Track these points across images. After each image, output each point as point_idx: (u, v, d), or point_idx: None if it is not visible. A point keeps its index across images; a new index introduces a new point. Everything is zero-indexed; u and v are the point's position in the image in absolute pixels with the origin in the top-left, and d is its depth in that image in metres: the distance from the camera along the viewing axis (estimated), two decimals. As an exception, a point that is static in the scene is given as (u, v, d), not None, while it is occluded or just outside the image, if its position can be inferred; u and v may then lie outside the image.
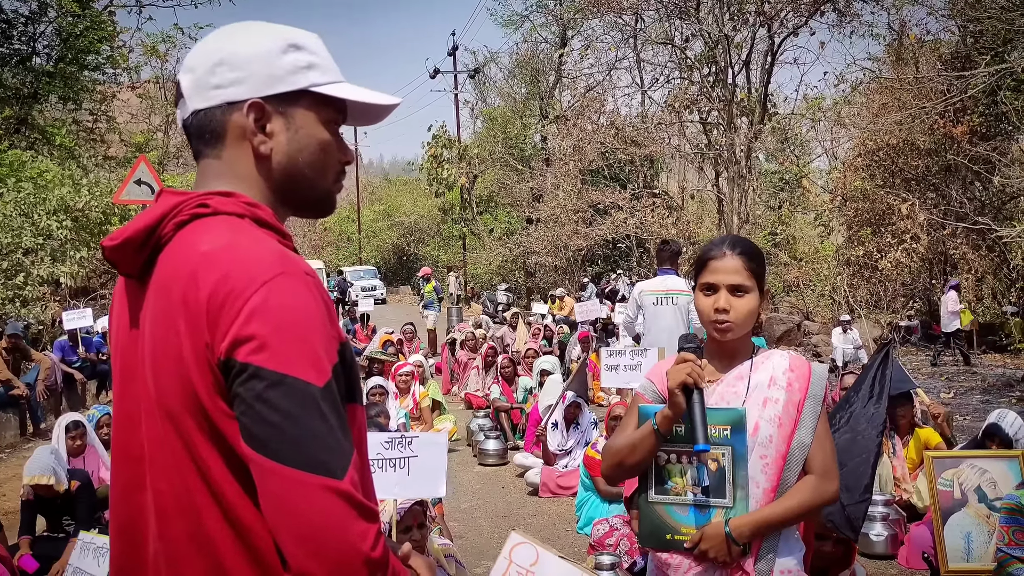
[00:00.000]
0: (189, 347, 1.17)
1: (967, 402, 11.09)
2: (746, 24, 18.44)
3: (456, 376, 11.88)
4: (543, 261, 25.65)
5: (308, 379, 1.12)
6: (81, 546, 4.21)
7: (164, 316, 1.21)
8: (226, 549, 1.18)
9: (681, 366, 2.02)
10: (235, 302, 1.14)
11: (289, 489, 1.10)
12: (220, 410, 1.16)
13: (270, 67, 1.30)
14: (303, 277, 1.19)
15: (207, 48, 1.32)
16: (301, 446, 1.11)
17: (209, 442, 1.17)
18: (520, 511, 6.56)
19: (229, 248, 1.20)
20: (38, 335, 12.44)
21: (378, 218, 45.72)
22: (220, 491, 1.18)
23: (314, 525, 1.10)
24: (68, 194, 13.71)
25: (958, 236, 16.17)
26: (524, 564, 2.34)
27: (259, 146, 1.31)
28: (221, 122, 1.30)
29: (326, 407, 1.13)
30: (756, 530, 2.04)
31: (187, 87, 1.31)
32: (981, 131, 15.57)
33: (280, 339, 1.13)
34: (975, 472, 4.27)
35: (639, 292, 7.35)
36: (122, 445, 1.31)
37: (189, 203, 1.26)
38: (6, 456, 8.53)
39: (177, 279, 1.20)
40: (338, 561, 1.10)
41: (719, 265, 2.14)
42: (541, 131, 28.98)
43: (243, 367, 1.12)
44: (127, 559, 1.30)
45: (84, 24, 17.99)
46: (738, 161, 18.21)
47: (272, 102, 1.30)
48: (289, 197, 1.36)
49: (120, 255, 1.28)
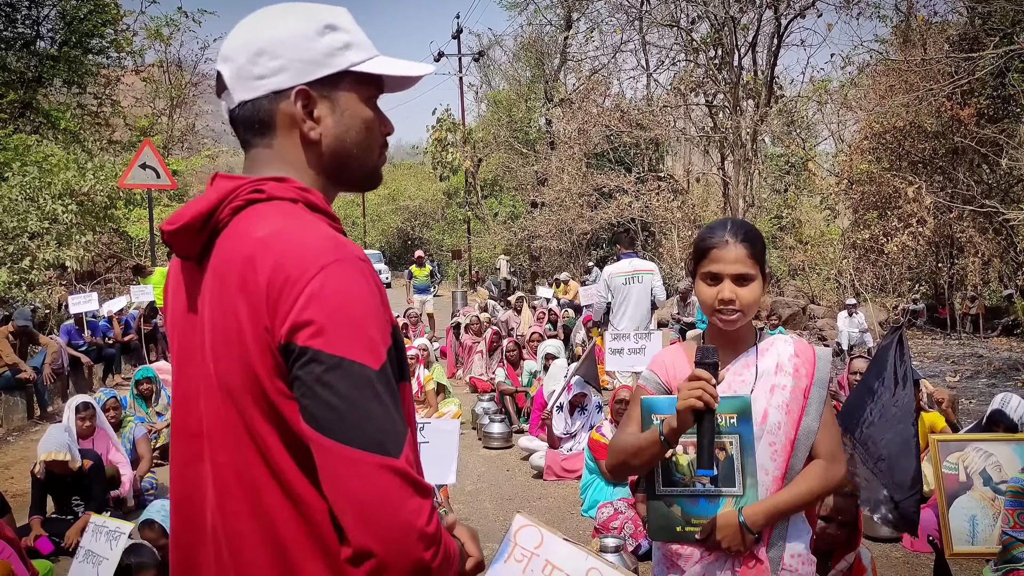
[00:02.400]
0: (250, 330, 1.21)
1: (973, 386, 11.08)
2: (752, 6, 18.30)
3: (461, 360, 11.90)
4: (548, 245, 25.59)
5: (364, 362, 1.17)
6: (93, 529, 4.23)
7: (223, 299, 1.25)
8: (283, 522, 1.23)
9: (693, 388, 1.89)
10: (293, 288, 1.18)
11: (347, 468, 1.15)
12: (279, 390, 1.21)
13: (309, 52, 1.31)
14: (357, 263, 1.22)
15: (244, 37, 1.33)
16: (358, 426, 1.16)
17: (267, 421, 1.22)
18: (525, 494, 6.58)
19: (284, 234, 1.23)
20: (44, 319, 12.49)
21: (383, 202, 45.66)
22: (278, 467, 1.23)
23: (371, 502, 1.15)
24: (73, 178, 13.73)
25: (965, 219, 16.10)
26: (529, 547, 2.35)
27: (308, 132, 1.33)
28: (269, 111, 1.32)
29: (381, 388, 1.18)
30: (769, 517, 2.03)
31: (230, 78, 1.33)
32: (989, 113, 15.47)
33: (337, 324, 1.17)
34: (980, 455, 4.26)
35: (608, 275, 8.56)
36: (181, 423, 1.36)
37: (244, 188, 1.29)
38: (13, 439, 8.58)
39: (235, 264, 1.24)
40: (395, 536, 1.15)
41: (722, 254, 2.07)
42: (546, 114, 28.86)
43: (303, 351, 1.16)
44: (186, 531, 1.35)
45: (88, 7, 17.97)
46: (744, 144, 18.12)
47: (316, 87, 1.32)
48: (339, 177, 1.40)
49: (179, 239, 1.31)
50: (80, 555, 4.21)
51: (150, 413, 7.56)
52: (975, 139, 15.04)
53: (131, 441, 6.53)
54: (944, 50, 15.91)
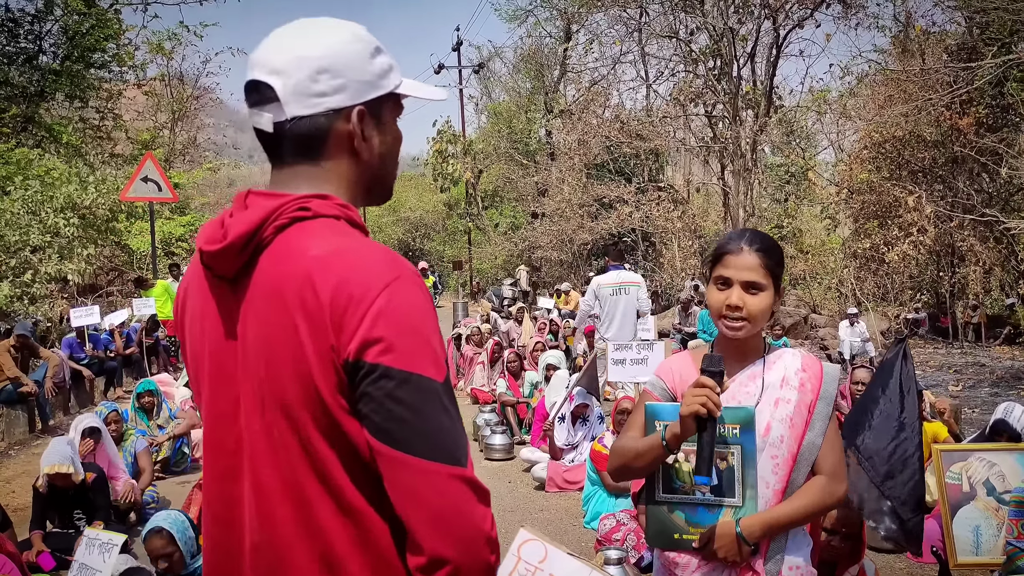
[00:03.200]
0: (312, 348, 1.22)
1: (976, 395, 11.06)
2: (751, 16, 18.36)
3: (462, 371, 11.89)
4: (549, 256, 25.61)
5: (432, 376, 1.22)
6: (86, 542, 4.21)
7: (277, 318, 1.26)
8: (337, 535, 1.25)
9: (697, 395, 1.91)
10: (359, 306, 1.20)
11: (421, 478, 1.19)
12: (340, 406, 1.23)
13: (366, 73, 1.34)
14: (416, 279, 1.26)
15: (297, 52, 1.31)
16: (430, 438, 1.20)
17: (323, 436, 1.24)
18: (527, 506, 6.56)
19: (342, 252, 1.25)
20: (46, 332, 12.49)
21: (383, 213, 45.56)
22: (333, 482, 1.25)
23: (445, 510, 1.19)
24: (75, 192, 13.76)
25: (965, 228, 16.08)
26: (533, 561, 2.34)
27: (361, 151, 1.36)
28: (326, 129, 1.34)
29: (447, 400, 1.23)
30: (767, 530, 2.03)
31: (284, 93, 1.31)
32: (988, 122, 15.49)
33: (405, 340, 1.21)
34: (983, 465, 4.25)
35: (597, 285, 8.80)
36: (216, 441, 1.38)
37: (289, 206, 1.30)
38: (15, 453, 8.56)
39: (289, 282, 1.25)
40: (468, 542, 1.20)
41: (735, 260, 2.08)
42: (546, 126, 28.94)
43: (373, 367, 1.20)
44: (223, 547, 1.37)
45: (90, 22, 18.04)
46: (744, 154, 18.15)
47: (368, 107, 1.35)
48: (372, 193, 1.44)
49: (220, 259, 1.31)
50: (74, 568, 4.19)
51: (151, 426, 7.54)
52: (975, 148, 15.06)
53: (132, 455, 6.52)
54: (943, 60, 15.95)
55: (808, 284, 19.49)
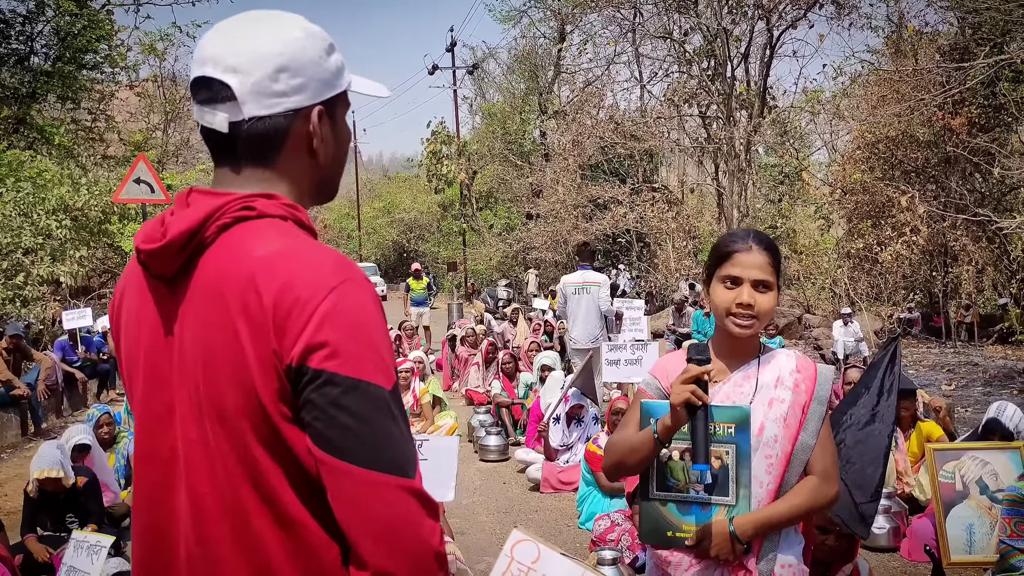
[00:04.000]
0: (253, 352, 1.16)
1: (969, 394, 11.09)
2: (745, 17, 18.43)
3: (457, 372, 11.88)
4: (543, 256, 25.62)
5: (379, 383, 1.16)
6: (75, 545, 4.18)
7: (218, 320, 1.20)
8: (275, 549, 1.19)
9: (685, 385, 1.94)
10: (304, 309, 1.14)
11: (365, 490, 1.13)
12: (282, 414, 1.17)
13: (323, 71, 1.30)
14: (364, 283, 1.21)
15: (255, 48, 1.25)
16: (376, 448, 1.14)
17: (262, 444, 1.18)
18: (521, 507, 6.56)
19: (288, 254, 1.19)
20: (38, 335, 12.45)
21: (378, 215, 45.69)
22: (272, 492, 1.19)
23: (392, 524, 1.13)
24: (67, 193, 13.71)
25: (958, 228, 16.15)
26: (526, 562, 2.34)
27: (319, 151, 1.32)
28: (284, 130, 1.28)
29: (395, 409, 1.17)
30: (759, 529, 2.04)
31: (242, 92, 1.24)
32: (980, 122, 15.56)
33: (351, 345, 1.15)
34: (976, 464, 4.26)
35: (563, 284, 9.03)
36: (149, 448, 1.30)
37: (232, 205, 1.24)
38: (7, 456, 8.53)
39: (231, 283, 1.19)
40: (415, 557, 1.14)
41: (745, 259, 2.08)
42: (540, 126, 28.97)
43: (317, 373, 1.14)
44: (153, 562, 1.29)
45: (82, 23, 17.98)
46: (738, 154, 18.20)
47: (325, 106, 1.32)
48: (321, 193, 1.39)
49: (158, 258, 1.25)
50: (63, 571, 4.16)
51: (145, 429, 7.51)
52: (967, 148, 15.13)
53: (125, 457, 6.49)
54: (935, 60, 16.02)
55: (802, 284, 19.54)
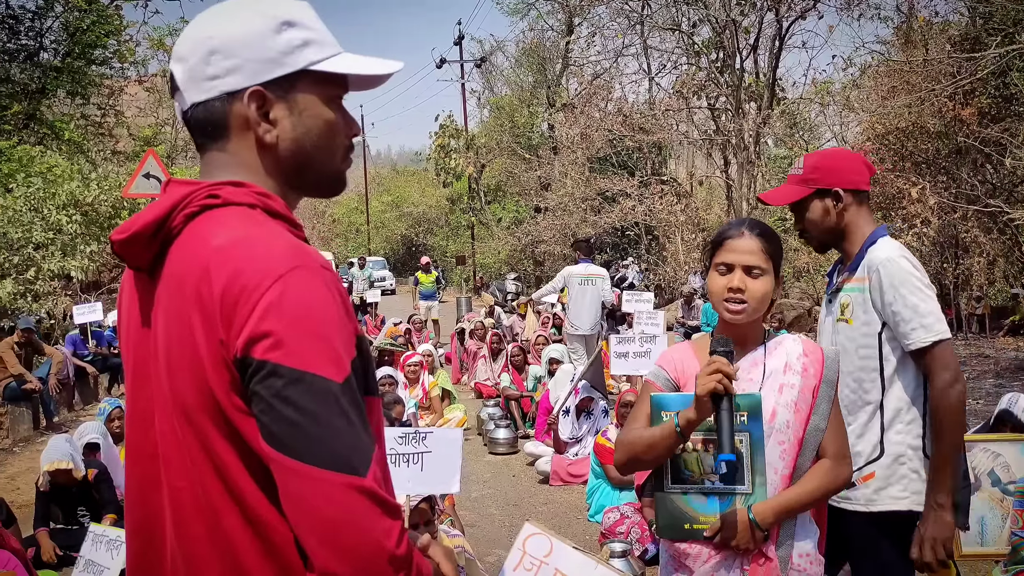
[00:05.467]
0: (204, 344, 1.14)
1: (980, 386, 11.04)
2: (754, 8, 18.31)
3: (466, 365, 11.89)
4: (552, 250, 25.59)
5: (327, 375, 1.10)
6: (93, 539, 4.20)
7: (178, 312, 1.18)
8: (244, 548, 1.16)
9: (711, 374, 1.93)
10: (249, 298, 1.11)
11: (312, 488, 1.08)
12: (236, 407, 1.13)
13: (265, 50, 1.24)
14: (319, 270, 1.15)
15: (197, 35, 1.25)
16: (323, 444, 1.08)
17: (225, 440, 1.15)
18: (531, 500, 6.57)
19: (242, 242, 1.16)
20: (50, 329, 12.51)
21: (386, 209, 45.74)
22: (238, 489, 1.15)
23: (338, 524, 1.08)
24: (77, 188, 13.75)
25: (969, 219, 16.05)
26: (538, 555, 2.34)
27: (264, 135, 1.26)
28: (222, 114, 1.25)
29: (346, 403, 1.11)
30: (779, 515, 2.04)
31: (182, 79, 1.26)
32: (991, 113, 15.43)
33: (297, 335, 1.10)
34: (988, 456, 4.24)
35: (568, 274, 9.49)
36: (136, 443, 1.28)
37: (199, 194, 1.22)
38: (19, 450, 8.59)
39: (190, 274, 1.16)
40: (364, 560, 1.09)
41: (736, 244, 2.11)
42: (548, 119, 28.90)
43: (260, 364, 1.10)
44: (144, 558, 1.28)
45: (91, 19, 18.01)
46: (747, 147, 18.12)
47: (272, 87, 1.25)
48: (300, 182, 1.32)
49: (129, 249, 1.24)
50: (80, 565, 4.16)
51: (156, 422, 7.54)
52: (978, 139, 15.01)
53: (137, 451, 6.51)
54: (946, 50, 15.89)
55: (812, 276, 19.45)
